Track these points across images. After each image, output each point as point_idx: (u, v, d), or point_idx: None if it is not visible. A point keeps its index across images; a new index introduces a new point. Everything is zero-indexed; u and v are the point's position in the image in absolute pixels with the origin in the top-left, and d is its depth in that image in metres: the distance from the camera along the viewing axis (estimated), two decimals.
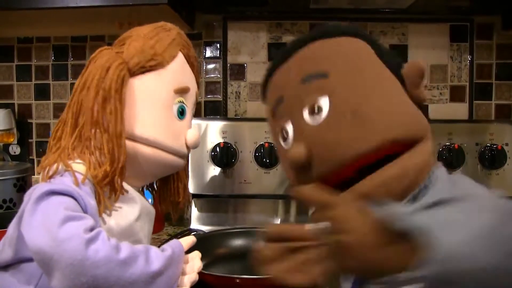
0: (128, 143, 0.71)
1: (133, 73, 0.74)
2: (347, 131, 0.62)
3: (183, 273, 0.72)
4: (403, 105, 0.63)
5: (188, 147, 0.80)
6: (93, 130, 0.69)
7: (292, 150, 0.63)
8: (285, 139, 0.68)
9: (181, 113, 0.78)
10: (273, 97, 0.70)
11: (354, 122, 0.61)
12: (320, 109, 0.64)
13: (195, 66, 0.84)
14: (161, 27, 0.80)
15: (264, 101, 0.75)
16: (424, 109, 0.66)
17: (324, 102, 0.64)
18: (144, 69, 0.75)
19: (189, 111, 0.80)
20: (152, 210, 0.80)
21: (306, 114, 0.65)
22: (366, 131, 0.61)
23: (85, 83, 0.71)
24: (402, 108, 0.63)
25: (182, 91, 0.78)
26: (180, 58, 0.79)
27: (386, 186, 0.60)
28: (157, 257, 0.64)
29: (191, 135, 0.79)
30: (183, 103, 0.78)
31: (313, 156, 0.63)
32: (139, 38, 0.77)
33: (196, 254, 0.76)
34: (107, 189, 0.69)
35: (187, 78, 0.80)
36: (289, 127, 0.67)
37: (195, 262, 0.74)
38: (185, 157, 0.82)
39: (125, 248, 0.61)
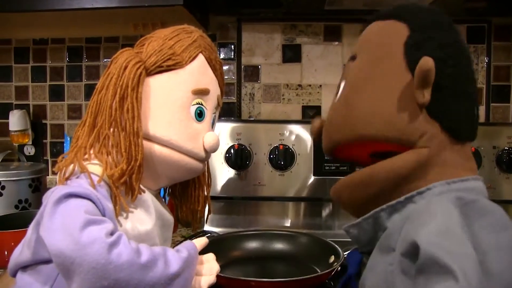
0: (144, 142, 0.70)
1: (150, 72, 0.73)
2: (338, 116, 0.67)
3: (199, 274, 0.71)
4: (387, 106, 0.62)
5: (206, 151, 0.79)
6: (111, 129, 0.69)
7: (312, 121, 0.74)
8: (336, 95, 0.73)
9: (199, 115, 0.77)
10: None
11: (343, 110, 0.66)
12: (339, 91, 0.70)
13: (218, 69, 0.82)
14: (182, 29, 0.80)
15: None
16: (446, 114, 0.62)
17: (342, 85, 0.70)
18: (161, 69, 0.74)
19: (209, 114, 0.79)
20: (169, 217, 0.80)
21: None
22: (346, 121, 0.65)
23: (104, 83, 0.71)
24: (384, 109, 0.62)
25: (200, 93, 0.77)
26: (200, 60, 0.78)
27: (349, 190, 0.65)
28: (174, 259, 0.64)
29: (209, 138, 0.78)
30: (202, 105, 0.77)
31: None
32: (159, 39, 0.77)
33: (212, 257, 0.76)
34: (124, 189, 0.69)
35: (207, 80, 0.79)
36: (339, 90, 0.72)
37: (212, 265, 0.74)
38: (203, 161, 0.80)
39: (146, 251, 0.61)
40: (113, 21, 1.34)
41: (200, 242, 0.74)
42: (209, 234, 1.19)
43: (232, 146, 1.31)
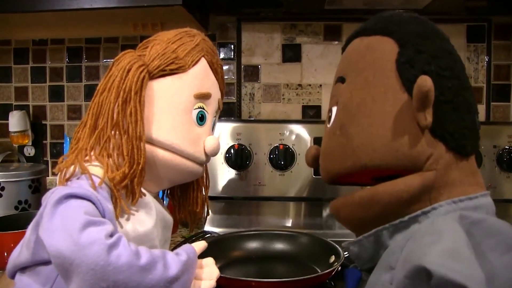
0: (146, 146, 0.70)
1: (153, 76, 0.73)
2: (334, 146, 0.65)
3: (199, 278, 0.71)
4: (387, 133, 0.60)
5: (207, 155, 0.79)
6: (112, 132, 0.69)
7: (307, 150, 0.72)
8: (329, 120, 0.70)
9: (201, 119, 0.77)
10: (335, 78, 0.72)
11: (339, 139, 0.64)
12: (331, 115, 0.68)
13: (220, 73, 0.83)
14: (185, 32, 0.80)
15: None
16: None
17: (334, 110, 0.67)
18: (164, 72, 0.74)
19: (209, 117, 0.79)
20: (169, 218, 0.80)
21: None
22: (346, 152, 0.63)
23: (106, 85, 0.71)
24: (385, 136, 0.60)
25: (202, 97, 0.77)
26: (202, 64, 0.78)
27: (349, 209, 0.63)
28: (174, 262, 0.63)
29: (210, 142, 0.78)
30: (203, 109, 0.78)
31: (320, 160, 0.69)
32: (162, 42, 0.77)
33: (212, 261, 0.76)
34: (124, 192, 0.69)
35: (209, 84, 0.79)
36: (332, 114, 0.70)
37: (212, 269, 0.74)
38: (203, 165, 0.81)
39: (145, 254, 0.60)
40: (112, 21, 1.34)
41: (199, 245, 0.74)
42: (209, 235, 1.19)
43: (232, 146, 1.31)
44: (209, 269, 0.74)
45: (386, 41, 0.64)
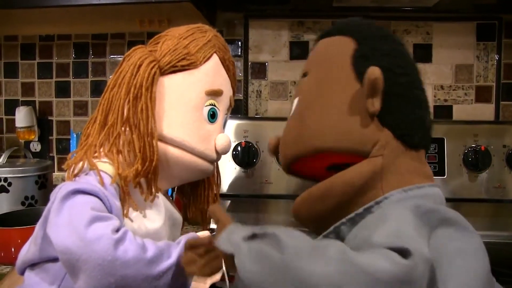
0: (158, 144, 0.70)
1: (164, 72, 0.73)
2: (292, 132, 0.67)
3: None
4: (339, 118, 0.63)
5: (217, 152, 0.78)
6: (123, 128, 0.68)
7: (269, 140, 0.73)
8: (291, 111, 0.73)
9: (212, 116, 0.76)
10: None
11: (298, 125, 0.66)
12: (293, 107, 0.70)
13: (231, 70, 0.82)
14: (197, 28, 0.79)
15: None
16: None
17: (295, 101, 0.70)
18: (175, 68, 0.73)
19: (221, 115, 0.78)
20: (178, 216, 0.79)
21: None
22: (300, 135, 0.65)
23: (117, 81, 0.70)
24: (336, 121, 0.63)
25: (214, 94, 0.76)
26: (214, 60, 0.78)
27: (308, 205, 0.64)
28: (175, 250, 0.64)
29: (221, 140, 0.77)
30: (215, 106, 0.77)
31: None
32: (174, 38, 0.76)
33: None
34: (139, 189, 0.68)
35: (221, 81, 0.78)
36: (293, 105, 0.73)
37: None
38: (214, 162, 0.80)
39: (151, 246, 0.61)
40: (119, 18, 1.34)
41: (203, 234, 0.74)
42: (215, 233, 1.18)
43: (239, 144, 1.30)
44: None
45: (345, 39, 0.67)
